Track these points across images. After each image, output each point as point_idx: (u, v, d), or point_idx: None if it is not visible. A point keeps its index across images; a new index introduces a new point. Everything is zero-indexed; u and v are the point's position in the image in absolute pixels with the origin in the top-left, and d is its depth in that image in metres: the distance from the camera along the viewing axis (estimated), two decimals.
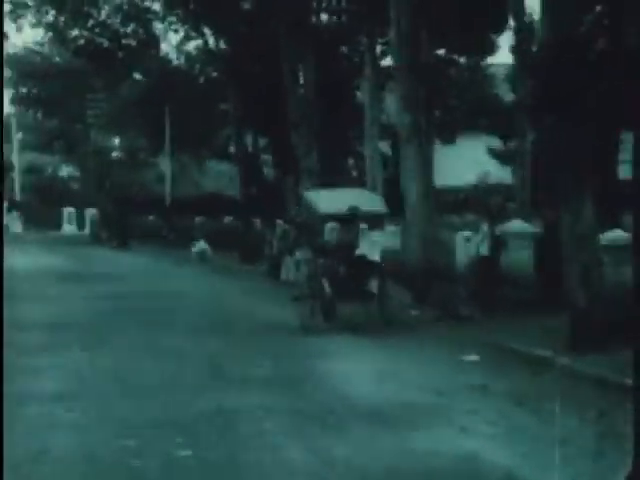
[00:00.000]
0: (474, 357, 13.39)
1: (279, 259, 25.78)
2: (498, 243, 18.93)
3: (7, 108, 65.72)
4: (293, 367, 13.09)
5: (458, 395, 11.00)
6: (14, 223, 47.33)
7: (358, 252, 16.96)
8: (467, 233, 19.88)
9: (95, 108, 54.39)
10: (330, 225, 21.00)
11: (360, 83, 39.36)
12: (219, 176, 74.48)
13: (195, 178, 65.70)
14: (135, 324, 17.54)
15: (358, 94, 40.88)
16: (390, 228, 21.75)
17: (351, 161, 44.88)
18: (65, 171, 65.43)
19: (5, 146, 75.19)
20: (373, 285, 16.78)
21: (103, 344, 15.18)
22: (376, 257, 16.70)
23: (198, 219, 40.68)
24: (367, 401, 10.71)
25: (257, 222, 34.71)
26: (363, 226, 17.79)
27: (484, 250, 18.91)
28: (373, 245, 16.78)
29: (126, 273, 29.14)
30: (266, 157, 48.09)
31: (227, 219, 39.14)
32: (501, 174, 37.22)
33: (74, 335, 15.99)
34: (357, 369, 12.81)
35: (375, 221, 17.60)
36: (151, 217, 44.06)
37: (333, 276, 16.69)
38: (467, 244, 19.35)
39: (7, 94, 58.59)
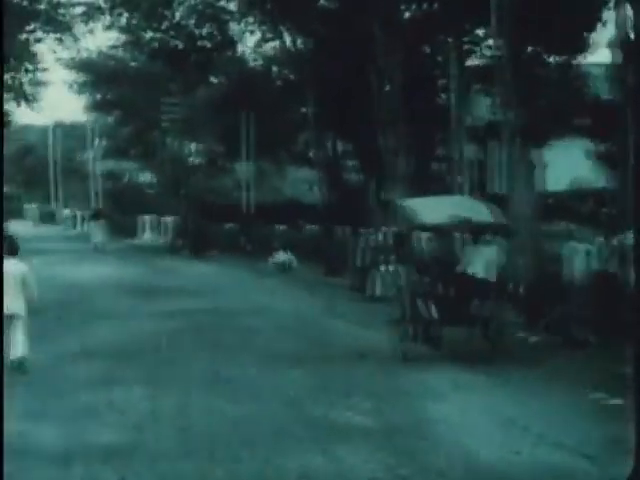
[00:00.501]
0: (617, 400, 10.97)
1: (365, 272, 23.51)
2: (622, 257, 16.42)
3: (84, 115, 65.08)
4: (395, 412, 10.84)
5: (612, 459, 8.61)
6: (96, 232, 45.34)
7: (463, 269, 14.65)
8: (582, 245, 17.37)
9: (170, 113, 52.77)
10: (424, 236, 18.78)
11: (444, 84, 37.00)
12: (298, 182, 72.69)
13: (274, 184, 64.05)
14: (206, 350, 15.49)
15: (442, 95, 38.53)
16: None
17: (435, 165, 42.47)
18: (142, 178, 64.29)
19: (84, 153, 74.63)
20: (479, 306, 14.42)
21: (168, 377, 13.12)
22: (490, 275, 14.37)
23: (278, 227, 38.70)
24: (498, 468, 8.41)
25: (340, 231, 32.54)
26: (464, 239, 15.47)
27: (604, 265, 16.46)
28: (485, 261, 14.41)
29: (201, 286, 27.24)
30: (344, 162, 46.03)
31: (308, 227, 37.06)
32: (593, 178, 34.51)
33: (137, 365, 14.01)
34: (477, 417, 10.49)
35: (483, 233, 15.18)
36: (229, 225, 42.17)
37: (436, 296, 14.41)
38: (584, 258, 16.85)
39: (82, 100, 57.62)
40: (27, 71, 48.45)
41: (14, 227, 62.91)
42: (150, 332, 17.60)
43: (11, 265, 14.91)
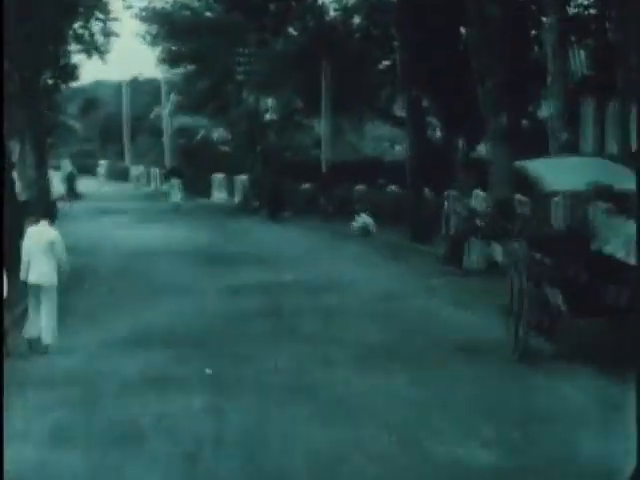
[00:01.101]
0: None
1: (460, 242, 20.70)
2: None
3: (155, 69, 62.85)
4: (529, 443, 8.15)
5: None
6: (174, 191, 43.74)
7: (599, 247, 11.79)
8: None
9: (247, 64, 50.20)
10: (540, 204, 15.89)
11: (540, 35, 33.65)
12: (378, 140, 69.71)
13: (352, 142, 61.25)
14: (284, 341, 12.98)
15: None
16: None
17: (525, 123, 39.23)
18: (216, 135, 62.00)
19: (157, 109, 72.56)
20: (616, 295, 11.55)
21: (237, 382, 10.62)
22: (630, 255, 11.47)
23: (358, 188, 36.00)
24: None
25: (427, 193, 29.74)
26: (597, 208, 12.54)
27: None
28: (625, 238, 11.47)
29: (277, 253, 24.82)
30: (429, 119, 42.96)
31: (390, 188, 34.34)
32: None
33: (197, 361, 11.57)
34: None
35: (625, 204, 12.23)
36: (306, 185, 39.52)
37: (564, 280, 11.62)
38: None
39: (155, 53, 55.29)
40: (98, 20, 46.26)
41: (84, 184, 61.60)
42: (217, 314, 15.20)
43: (39, 229, 12.86)
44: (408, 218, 28.53)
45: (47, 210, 14.07)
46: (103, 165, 78.64)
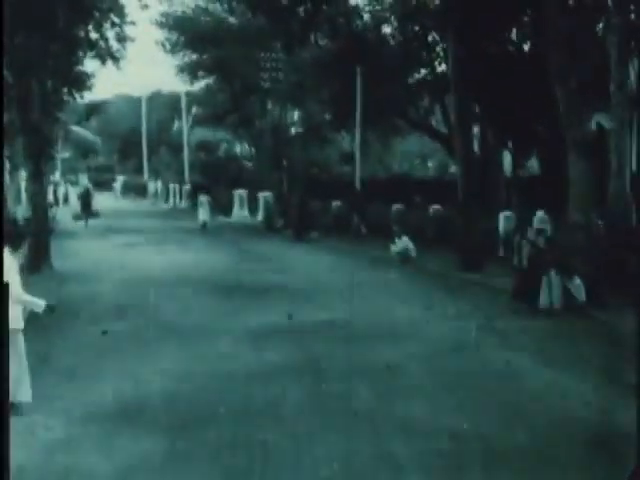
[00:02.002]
0: None
1: (538, 275, 16.72)
2: None
3: (176, 82, 59.41)
4: None
5: None
6: (202, 209, 39.49)
7: None
8: None
9: (272, 73, 46.53)
10: None
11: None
12: (407, 155, 65.82)
13: (380, 157, 57.64)
14: (321, 420, 9.13)
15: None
16: None
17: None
18: (238, 149, 58.44)
19: (177, 123, 69.05)
20: None
21: None
22: None
23: (395, 207, 32.18)
24: None
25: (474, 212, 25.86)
26: None
27: None
28: None
29: (305, 283, 21.04)
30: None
31: (433, 208, 30.50)
32: None
33: (200, 458, 7.71)
34: None
35: None
36: (336, 203, 35.70)
37: None
38: None
39: (175, 61, 51.69)
40: (113, 24, 42.69)
41: (100, 200, 57.99)
42: (233, 374, 11.39)
43: None
44: (456, 242, 24.65)
45: (8, 232, 10.42)
46: (120, 180, 75.18)
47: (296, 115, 53.60)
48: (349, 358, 12.24)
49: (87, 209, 40.11)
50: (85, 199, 40.96)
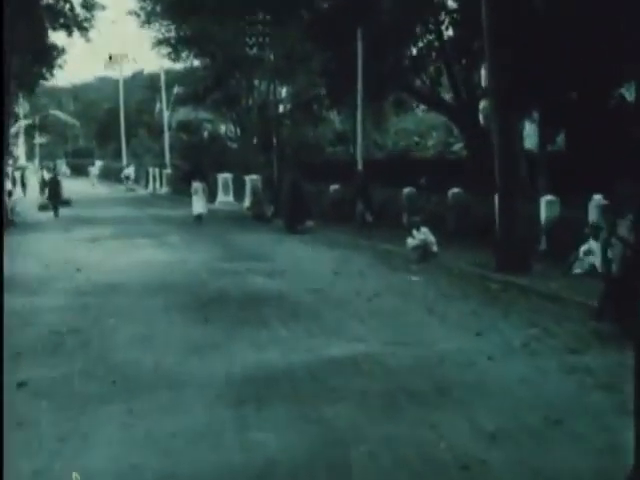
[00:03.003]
0: None
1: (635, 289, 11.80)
2: None
3: (154, 58, 54.25)
4: None
5: None
6: (197, 199, 32.69)
7: None
8: None
9: (258, 40, 41.40)
10: None
11: None
12: (404, 134, 60.58)
13: (373, 136, 52.60)
14: None
15: None
16: None
17: None
18: (223, 129, 53.37)
19: (158, 105, 63.84)
20: None
21: None
22: None
23: (407, 191, 27.33)
24: None
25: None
26: None
27: None
28: None
29: (307, 292, 16.10)
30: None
31: (453, 192, 25.63)
32: None
33: None
34: None
35: None
36: (334, 187, 30.74)
37: None
38: None
39: (151, 36, 46.50)
40: None
41: (75, 187, 52.99)
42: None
43: None
44: (491, 235, 19.74)
45: None
46: (97, 165, 70.07)
47: (284, 91, 48.44)
48: (385, 439, 7.38)
49: (56, 198, 35.09)
50: (53, 187, 35.79)
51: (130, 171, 56.22)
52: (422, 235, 21.03)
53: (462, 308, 14.38)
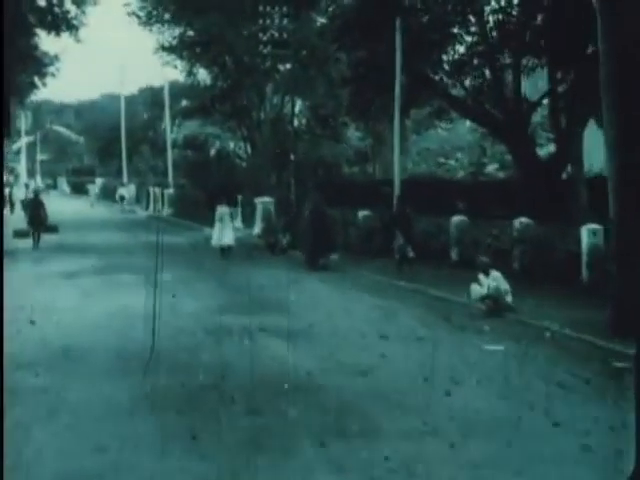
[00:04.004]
0: None
1: None
2: None
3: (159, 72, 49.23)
4: None
5: None
6: (224, 227, 25.73)
7: None
8: None
9: (272, 51, 36.20)
10: None
11: None
12: (426, 154, 55.24)
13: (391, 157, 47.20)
14: None
15: None
16: None
17: None
18: (232, 145, 48.09)
19: (162, 120, 58.63)
20: None
21: None
22: None
23: (456, 219, 21.93)
24: None
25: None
26: None
27: None
28: None
29: (351, 378, 10.73)
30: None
31: (520, 221, 20.13)
32: None
33: None
34: None
35: None
36: (364, 213, 25.23)
37: None
38: None
39: (154, 41, 41.19)
40: None
41: (70, 207, 47.84)
42: None
43: None
44: (578, 280, 14.24)
45: None
46: (98, 184, 64.82)
47: (298, 105, 42.97)
48: None
49: (37, 223, 28.54)
50: (34, 209, 29.21)
51: (125, 191, 50.70)
52: (492, 281, 15.59)
53: (602, 413, 8.91)
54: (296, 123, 41.82)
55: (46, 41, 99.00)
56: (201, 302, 16.62)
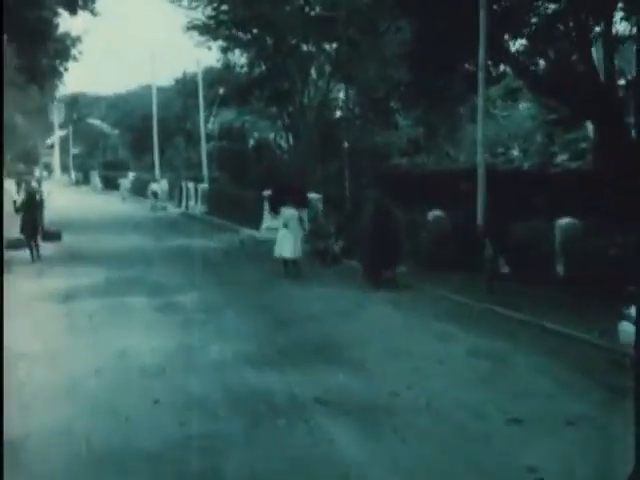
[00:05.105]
0: None
1: None
2: None
3: (188, 47, 44.58)
4: None
5: None
6: (290, 236, 19.46)
7: None
8: None
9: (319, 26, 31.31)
10: None
11: None
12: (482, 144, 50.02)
13: (445, 148, 42.33)
14: None
15: None
16: None
17: None
18: (270, 135, 43.30)
19: (197, 109, 54.04)
20: None
21: None
22: None
23: (561, 222, 16.84)
24: None
25: None
26: None
27: None
28: None
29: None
30: None
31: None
32: None
33: None
34: None
35: None
36: (435, 214, 20.08)
37: None
38: None
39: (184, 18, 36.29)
40: None
41: (97, 203, 43.61)
42: None
43: None
44: None
45: None
46: (129, 178, 60.23)
47: (345, 89, 37.78)
48: None
49: (32, 229, 22.11)
50: (28, 212, 22.44)
51: (158, 186, 45.92)
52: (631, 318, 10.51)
53: None
54: (344, 108, 37.00)
55: (67, 23, 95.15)
56: (230, 344, 11.76)
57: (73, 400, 9.22)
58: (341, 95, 38.33)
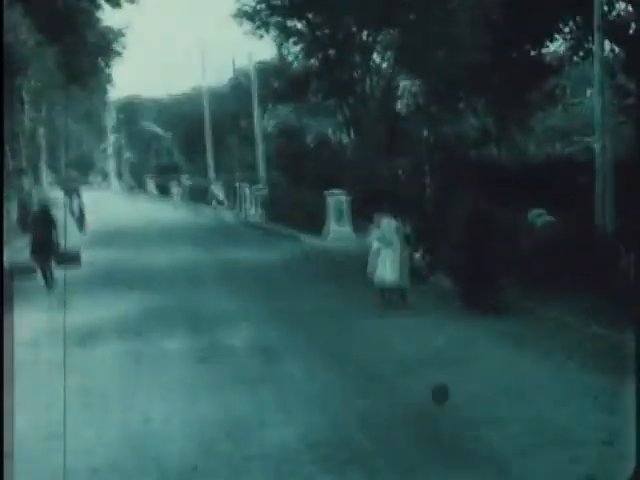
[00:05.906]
0: None
1: None
2: None
3: (239, 38, 41.58)
4: None
5: None
6: (392, 257, 15.00)
7: None
8: None
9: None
10: None
11: None
12: (551, 133, 46.32)
13: (515, 138, 38.42)
14: None
15: None
16: None
17: None
18: (329, 131, 39.85)
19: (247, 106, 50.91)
20: None
21: None
22: None
23: None
24: None
25: None
26: None
27: None
28: None
29: None
30: None
31: None
32: None
33: None
34: None
35: None
36: (544, 217, 16.10)
37: None
38: None
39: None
40: None
41: (149, 210, 41.06)
42: None
43: None
44: None
45: None
46: (182, 183, 57.27)
47: (402, 83, 34.11)
48: None
49: (44, 252, 17.66)
50: (37, 230, 18.21)
51: (217, 189, 42.88)
52: None
53: None
54: (405, 100, 33.31)
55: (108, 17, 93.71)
56: (294, 420, 8.00)
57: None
58: (406, 83, 34.82)
